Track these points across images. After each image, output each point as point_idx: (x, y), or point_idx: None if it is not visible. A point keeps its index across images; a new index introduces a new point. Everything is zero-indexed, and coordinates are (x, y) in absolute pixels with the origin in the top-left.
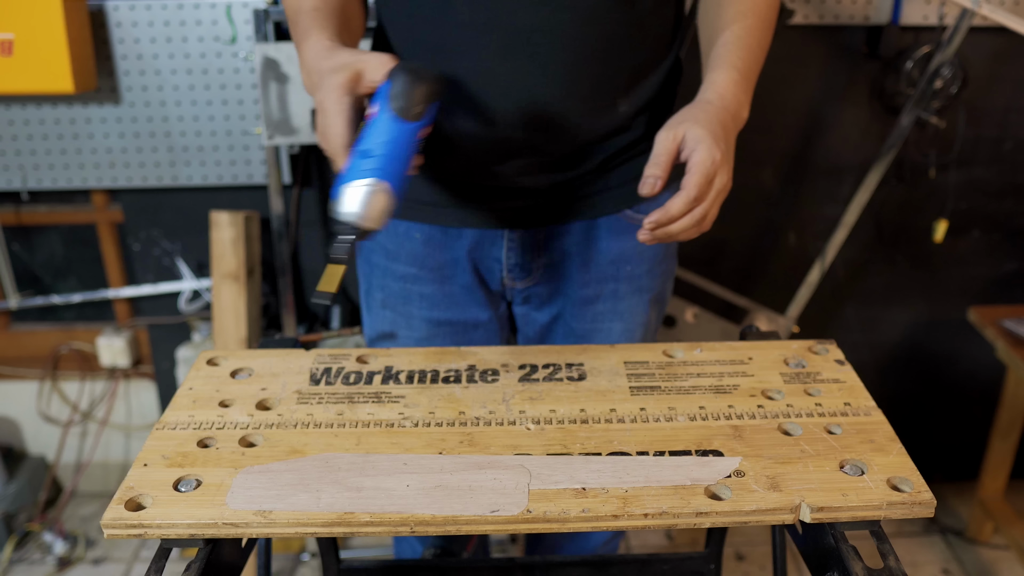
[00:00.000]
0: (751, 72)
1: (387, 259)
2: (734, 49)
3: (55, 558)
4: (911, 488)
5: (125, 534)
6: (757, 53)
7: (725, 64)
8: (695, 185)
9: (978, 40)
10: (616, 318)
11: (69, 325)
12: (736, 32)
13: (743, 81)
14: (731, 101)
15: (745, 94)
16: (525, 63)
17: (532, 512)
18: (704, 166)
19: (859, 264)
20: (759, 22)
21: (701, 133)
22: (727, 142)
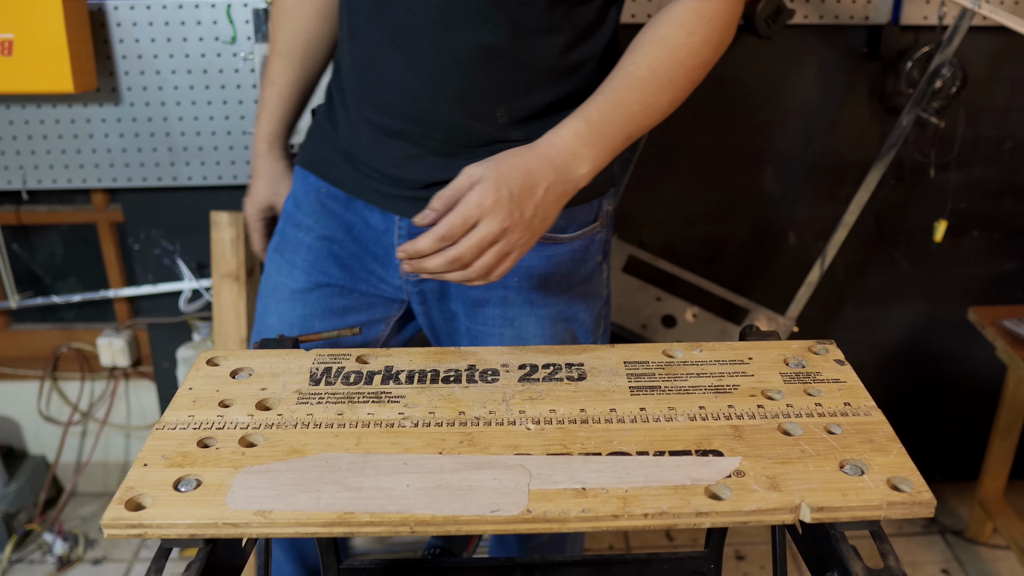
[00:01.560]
0: (609, 128)
1: (293, 205)
2: (600, 98)
3: (55, 558)
4: (911, 488)
5: (125, 534)
6: (633, 109)
7: (579, 112)
8: (446, 223)
9: (978, 40)
10: (507, 324)
11: (69, 325)
12: (622, 69)
13: (591, 135)
14: (560, 152)
15: (587, 147)
16: (399, 56)
17: (532, 512)
18: (465, 207)
19: (859, 264)
20: (663, 54)
21: (487, 175)
22: (526, 193)
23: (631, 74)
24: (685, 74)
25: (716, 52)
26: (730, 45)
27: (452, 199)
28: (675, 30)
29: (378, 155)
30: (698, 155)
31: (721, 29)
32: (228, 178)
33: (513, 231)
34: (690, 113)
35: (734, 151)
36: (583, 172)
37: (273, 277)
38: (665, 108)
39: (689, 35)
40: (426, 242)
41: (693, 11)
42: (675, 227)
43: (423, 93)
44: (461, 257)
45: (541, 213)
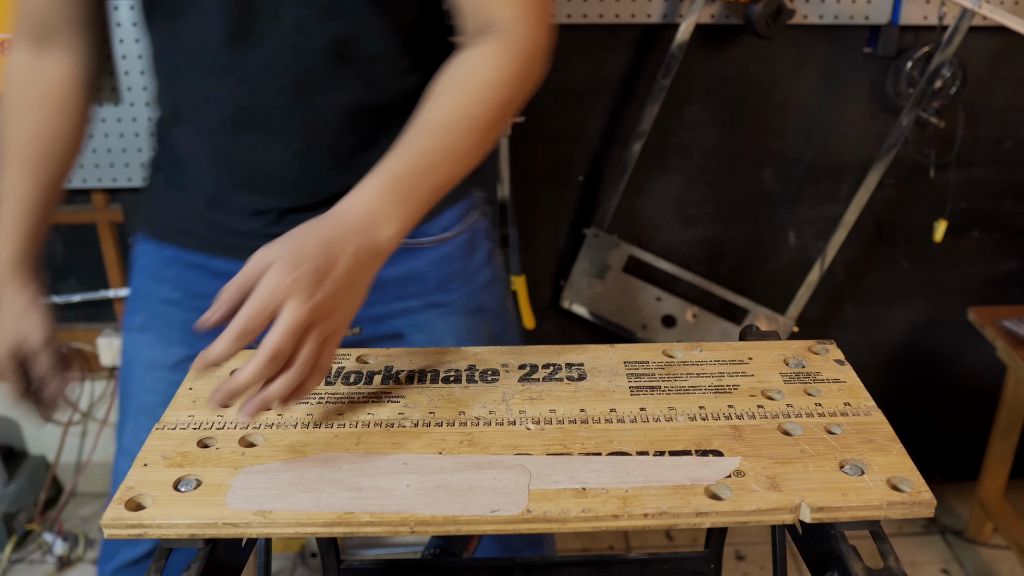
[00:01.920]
0: (415, 180)
1: (152, 281)
2: (402, 151)
3: (55, 558)
4: (911, 488)
5: (125, 534)
6: (436, 158)
7: (380, 169)
8: (242, 316)
9: (978, 40)
10: (416, 330)
11: (69, 325)
12: (423, 118)
13: (394, 193)
14: (363, 214)
15: (393, 207)
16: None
17: (532, 512)
18: (260, 294)
19: (859, 264)
20: (467, 93)
21: (281, 253)
22: (322, 268)
23: (433, 120)
24: (493, 112)
25: (524, 86)
26: (728, 46)
27: (244, 287)
28: (478, 67)
29: (247, 222)
30: (698, 155)
31: (528, 61)
32: None
33: (323, 308)
34: (690, 113)
35: (734, 151)
36: (390, 233)
37: (146, 355)
38: (474, 151)
39: (493, 71)
40: (223, 345)
41: (496, 46)
42: (675, 227)
43: (295, 166)
44: (280, 351)
45: (353, 282)
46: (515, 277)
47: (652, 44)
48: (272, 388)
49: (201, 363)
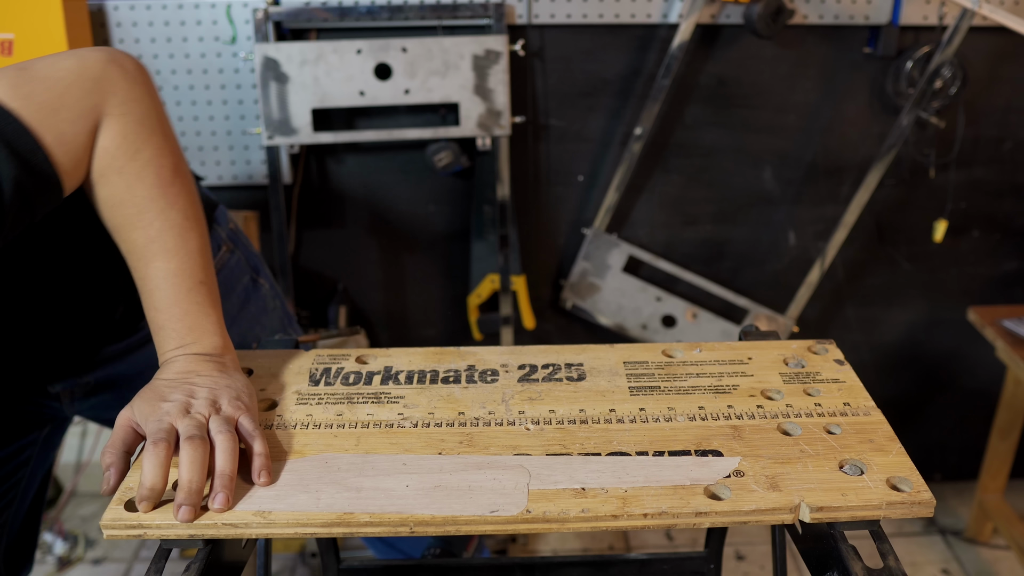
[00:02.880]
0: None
1: None
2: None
3: (55, 558)
4: (910, 488)
5: (125, 535)
6: (171, 264)
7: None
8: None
9: (978, 40)
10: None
11: None
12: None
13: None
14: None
15: (198, 333)
16: None
17: (532, 512)
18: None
19: (859, 264)
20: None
21: (138, 399)
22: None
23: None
24: (170, 187)
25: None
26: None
27: (121, 445)
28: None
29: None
30: (698, 155)
31: (153, 124)
32: (228, 178)
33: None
34: (690, 113)
35: (734, 151)
36: (220, 345)
37: None
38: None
39: (133, 158)
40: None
41: (118, 138)
42: (675, 227)
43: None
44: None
45: (223, 381)
46: (515, 277)
47: (652, 44)
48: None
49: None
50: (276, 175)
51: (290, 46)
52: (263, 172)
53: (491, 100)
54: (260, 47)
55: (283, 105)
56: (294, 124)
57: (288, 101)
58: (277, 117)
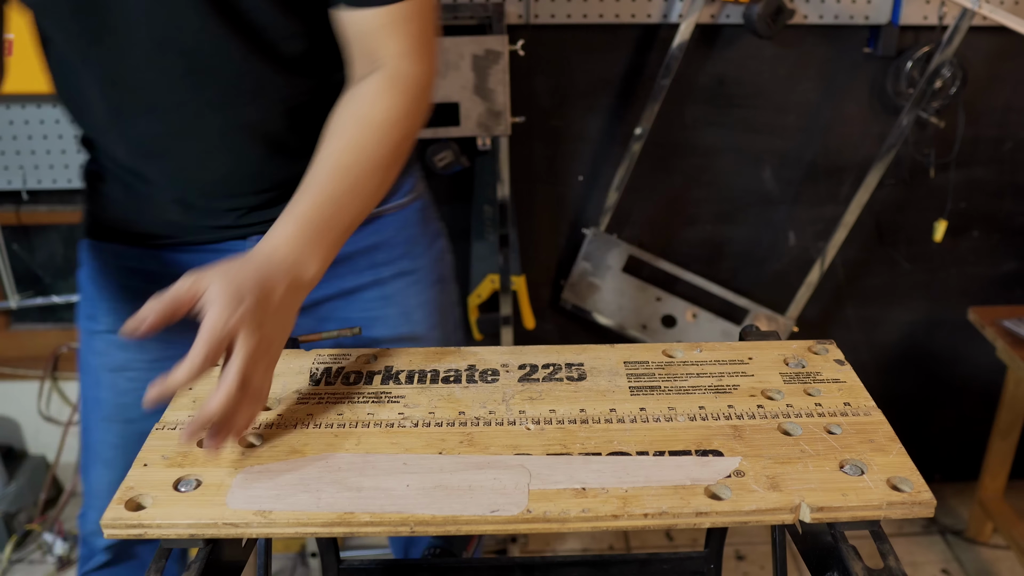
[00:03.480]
0: (328, 224)
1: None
2: (310, 195)
3: (55, 558)
4: (911, 488)
5: (125, 534)
6: (344, 200)
7: (290, 214)
8: (198, 353)
9: (978, 40)
10: (387, 303)
11: (69, 325)
12: (324, 160)
13: (311, 236)
14: (285, 257)
15: (312, 251)
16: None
17: (532, 512)
18: (210, 331)
19: (859, 264)
20: (368, 134)
21: (219, 291)
22: (263, 301)
23: (337, 163)
24: (390, 151)
25: (416, 122)
26: (730, 45)
27: (173, 304)
28: (372, 108)
29: (219, 218)
30: (698, 155)
31: (420, 98)
32: None
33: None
34: (690, 113)
35: (734, 151)
36: (312, 273)
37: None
38: (377, 189)
39: (387, 110)
40: (184, 374)
41: (388, 83)
42: (675, 227)
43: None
44: (246, 379)
45: (286, 315)
46: (515, 277)
47: (652, 44)
48: (240, 416)
49: (160, 390)
50: None
51: None
52: None
53: (491, 100)
54: None
55: None
56: None
57: None
58: None
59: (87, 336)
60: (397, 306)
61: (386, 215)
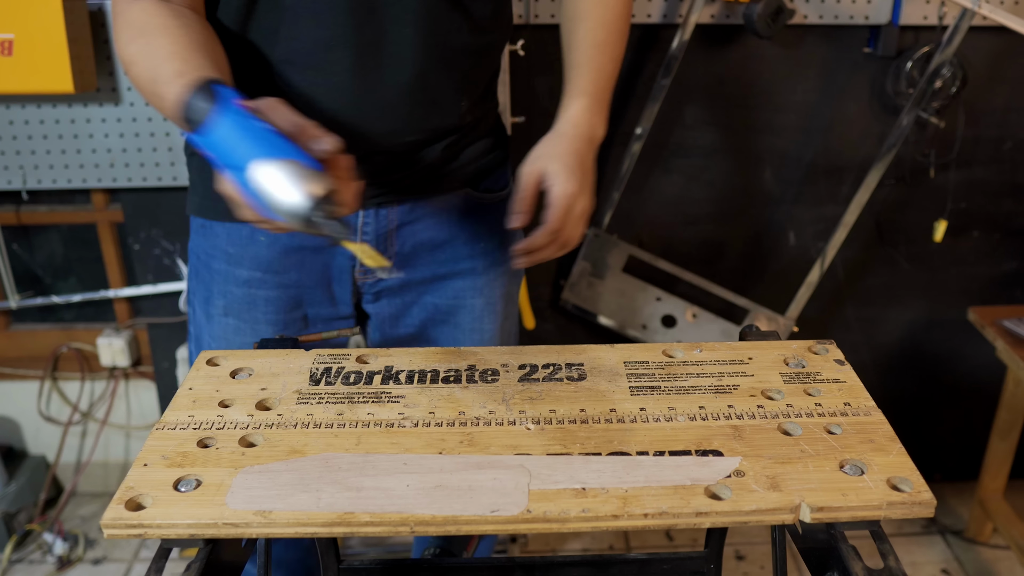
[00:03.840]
0: (603, 91)
1: (229, 264)
2: (583, 68)
3: (55, 558)
4: (911, 488)
5: (125, 534)
6: (611, 55)
7: (575, 90)
8: (555, 219)
9: (978, 40)
10: (476, 294)
11: (69, 325)
12: (584, 39)
13: (595, 104)
14: (584, 128)
15: (598, 115)
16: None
17: (532, 512)
18: (561, 200)
19: (859, 264)
20: (607, 12)
21: (557, 168)
22: (583, 169)
23: (595, 40)
24: (625, 22)
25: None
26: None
27: (530, 199)
28: None
29: None
30: (698, 155)
31: None
32: None
33: (588, 202)
34: (690, 113)
35: (734, 151)
36: (601, 134)
37: (234, 339)
38: (621, 55)
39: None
40: (541, 238)
41: None
42: (675, 227)
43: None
44: (570, 240)
45: (593, 176)
46: None
47: (652, 44)
48: (547, 252)
49: (522, 248)
50: None
51: None
52: None
53: None
54: None
55: None
56: None
57: None
58: None
59: (202, 317)
60: (484, 297)
61: (491, 203)
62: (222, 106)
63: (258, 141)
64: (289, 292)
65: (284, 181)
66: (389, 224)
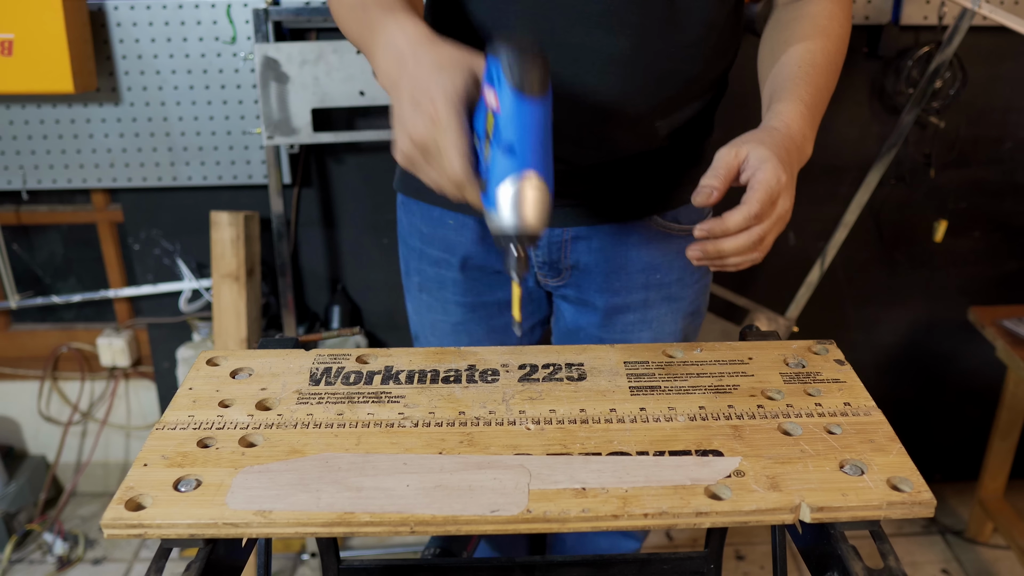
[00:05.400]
0: (818, 107)
1: (422, 243)
2: (801, 81)
3: (55, 558)
4: (911, 488)
5: (125, 534)
6: (826, 81)
7: (792, 96)
8: (758, 201)
9: (978, 40)
10: (645, 327)
11: (69, 325)
12: (803, 58)
13: (809, 116)
14: (797, 133)
15: (811, 129)
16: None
17: (532, 512)
18: (769, 184)
19: (859, 264)
20: (829, 43)
21: (766, 154)
22: (791, 170)
23: (814, 62)
24: (840, 61)
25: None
26: None
27: (726, 176)
28: (831, 22)
29: None
30: None
31: (851, 17)
32: (228, 178)
33: (791, 206)
34: None
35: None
36: (809, 151)
37: (427, 316)
38: (832, 91)
39: (841, 26)
40: (737, 220)
41: (838, 5)
42: None
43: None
44: (765, 238)
45: (795, 188)
46: None
47: None
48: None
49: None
50: (276, 175)
51: (290, 46)
52: (263, 172)
53: None
54: (260, 47)
55: (283, 105)
56: (294, 124)
57: (288, 101)
58: (277, 117)
59: (406, 291)
60: (651, 331)
61: (673, 235)
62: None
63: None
64: (473, 275)
65: (529, 200)
66: (564, 233)
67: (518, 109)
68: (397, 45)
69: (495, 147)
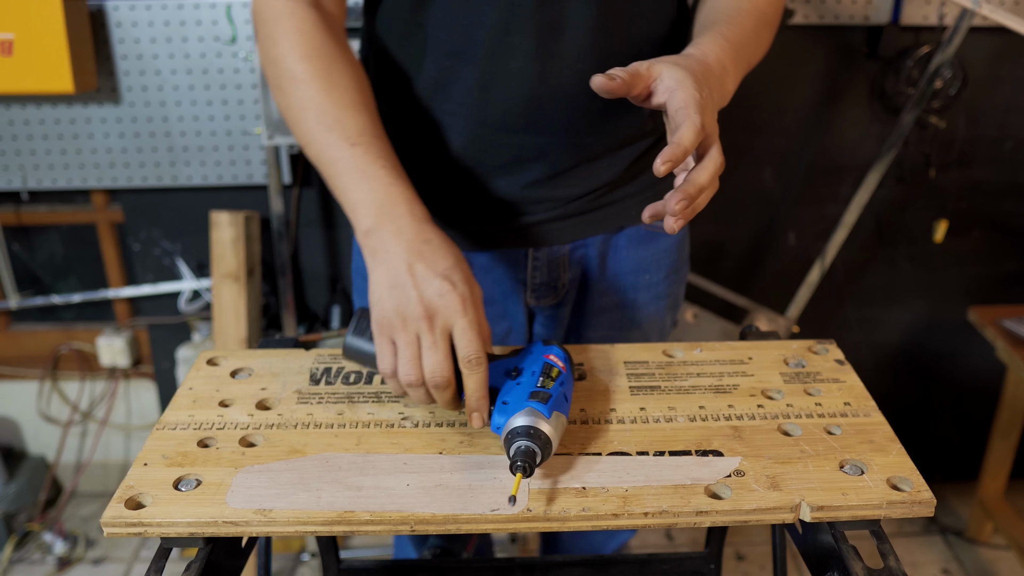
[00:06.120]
0: (742, 47)
1: None
2: (724, 22)
3: (55, 558)
4: (911, 488)
5: (125, 532)
6: (754, 25)
7: (713, 32)
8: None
9: (978, 40)
10: (634, 326)
11: (69, 325)
12: (729, 4)
13: (731, 50)
14: (715, 63)
15: (732, 64)
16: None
17: (532, 511)
18: (693, 97)
19: (859, 264)
20: (756, 13)
21: (681, 74)
22: (711, 95)
23: (739, 7)
24: (772, 14)
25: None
26: None
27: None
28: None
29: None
30: None
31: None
32: (228, 178)
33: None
34: None
35: (734, 151)
36: (731, 89)
37: None
38: (763, 47)
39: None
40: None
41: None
42: None
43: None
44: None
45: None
46: None
47: None
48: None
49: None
50: (276, 175)
51: None
52: (263, 172)
53: None
54: None
55: None
56: None
57: None
58: (277, 117)
59: None
60: (642, 330)
61: (659, 234)
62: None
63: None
64: None
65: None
66: (561, 249)
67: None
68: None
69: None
